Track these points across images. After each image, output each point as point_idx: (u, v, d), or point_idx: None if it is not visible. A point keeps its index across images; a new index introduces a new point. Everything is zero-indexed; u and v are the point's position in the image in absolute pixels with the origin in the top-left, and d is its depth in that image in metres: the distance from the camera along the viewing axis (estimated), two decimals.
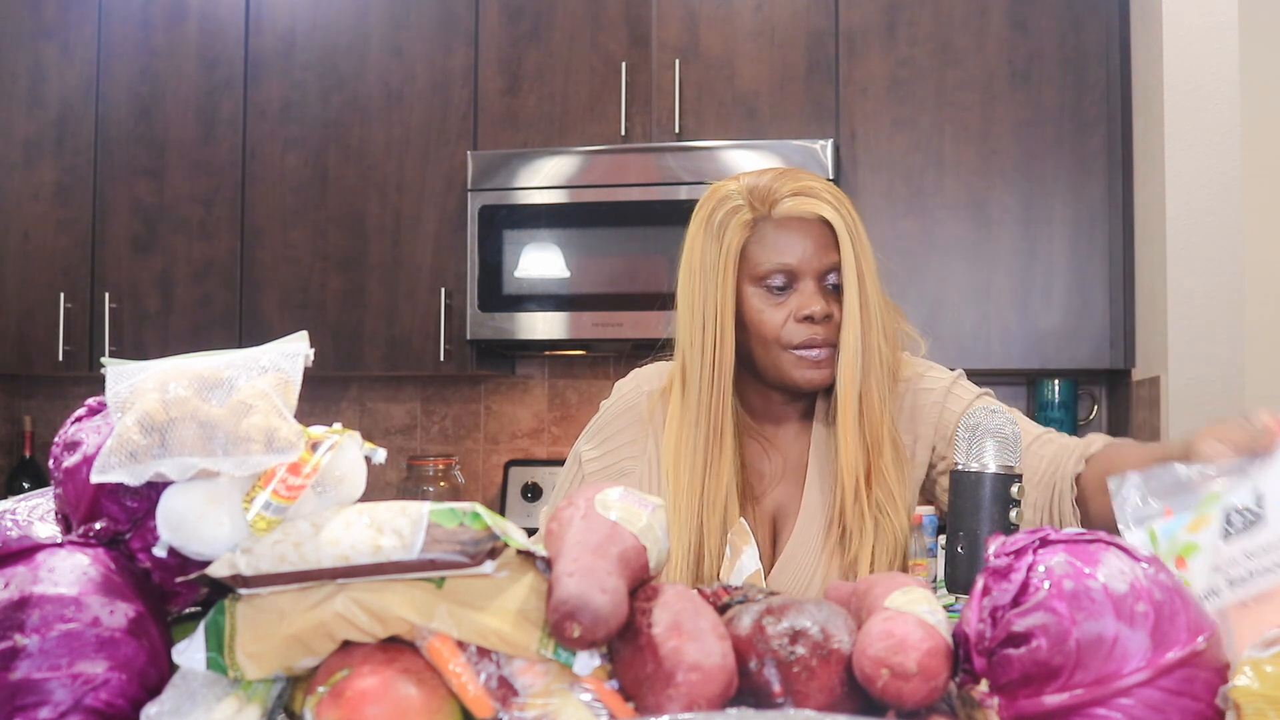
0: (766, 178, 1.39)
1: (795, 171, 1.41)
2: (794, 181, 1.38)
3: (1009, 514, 1.09)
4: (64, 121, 3.28)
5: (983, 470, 1.10)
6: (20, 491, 2.43)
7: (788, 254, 1.36)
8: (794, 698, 0.80)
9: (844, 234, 1.37)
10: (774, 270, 1.36)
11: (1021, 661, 0.76)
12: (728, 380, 1.38)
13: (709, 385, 1.38)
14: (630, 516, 0.87)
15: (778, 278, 1.37)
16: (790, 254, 1.36)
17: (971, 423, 1.12)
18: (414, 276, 3.08)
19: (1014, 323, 2.79)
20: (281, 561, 0.80)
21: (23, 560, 0.82)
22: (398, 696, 0.77)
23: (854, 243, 1.37)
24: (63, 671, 0.77)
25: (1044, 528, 0.84)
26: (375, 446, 0.88)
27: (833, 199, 1.38)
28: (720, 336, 1.37)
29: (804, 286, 1.37)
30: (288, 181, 3.15)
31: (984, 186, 2.81)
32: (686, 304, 1.41)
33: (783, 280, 1.37)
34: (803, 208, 1.36)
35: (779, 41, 2.92)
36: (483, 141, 3.05)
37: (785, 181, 1.38)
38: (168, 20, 3.24)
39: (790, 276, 1.37)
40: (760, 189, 1.38)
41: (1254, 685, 0.71)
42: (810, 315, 1.36)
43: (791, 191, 1.37)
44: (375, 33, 3.12)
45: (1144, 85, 2.61)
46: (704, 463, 1.37)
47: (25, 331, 3.27)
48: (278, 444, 0.82)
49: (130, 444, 0.81)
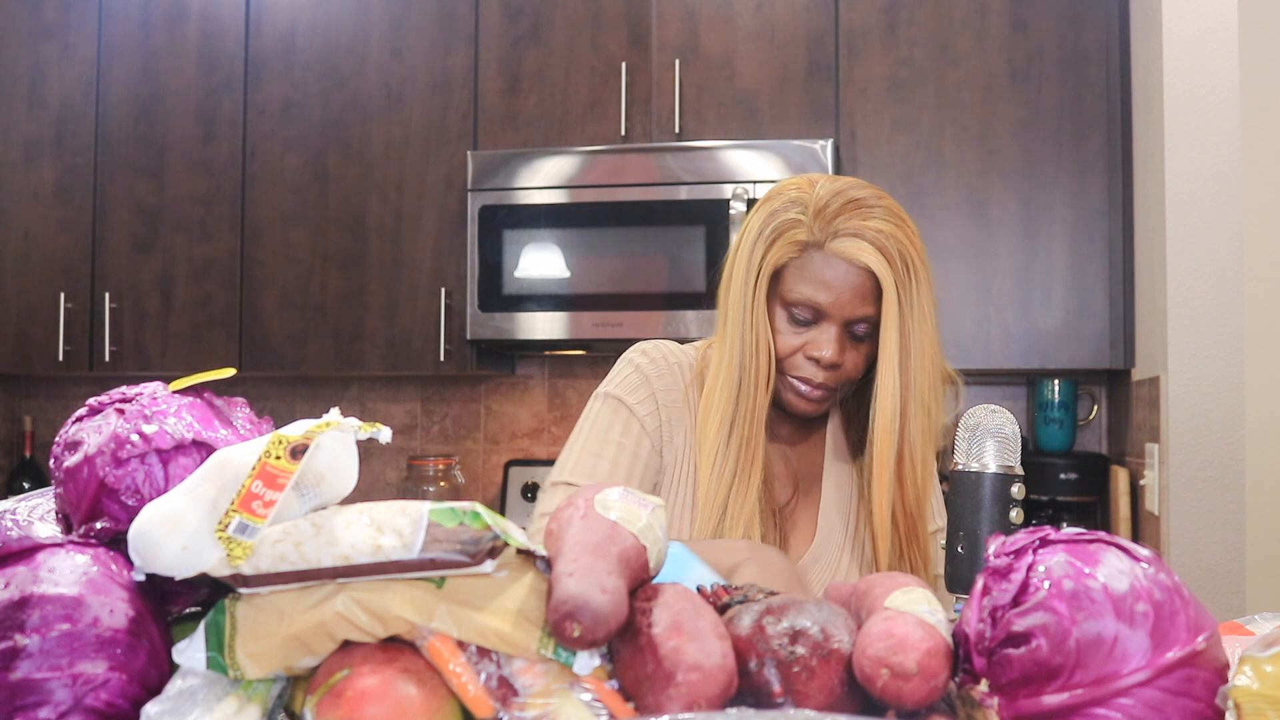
0: (839, 201, 1.32)
1: (868, 200, 1.33)
2: (859, 217, 1.31)
3: (1009, 514, 1.08)
4: (64, 121, 3.28)
5: (983, 470, 1.10)
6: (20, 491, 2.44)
7: (821, 293, 1.32)
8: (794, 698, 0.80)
9: (890, 290, 1.31)
10: (802, 303, 1.33)
11: (1021, 661, 0.76)
12: (765, 398, 1.35)
13: (750, 398, 1.35)
14: (630, 516, 0.87)
15: (804, 311, 1.33)
16: (824, 294, 1.32)
17: (971, 423, 1.12)
18: (414, 276, 3.08)
19: (1014, 323, 2.79)
20: (281, 561, 0.80)
21: (23, 560, 0.82)
22: (398, 696, 0.77)
23: (901, 298, 1.32)
24: (63, 671, 0.77)
25: (1044, 527, 0.84)
26: (379, 426, 0.86)
27: (889, 245, 1.31)
28: (758, 349, 1.34)
29: (826, 327, 1.33)
30: (288, 181, 3.15)
31: (984, 186, 2.81)
32: (725, 299, 1.38)
33: (809, 316, 1.33)
34: (851, 252, 1.30)
35: (779, 41, 2.92)
36: (483, 141, 3.05)
37: (851, 214, 1.31)
38: (168, 20, 3.23)
39: (817, 314, 1.33)
40: (827, 214, 1.31)
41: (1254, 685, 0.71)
42: (818, 359, 1.33)
43: (851, 231, 1.31)
44: (375, 33, 3.12)
45: (1144, 85, 2.61)
46: (733, 474, 1.35)
47: (25, 331, 3.27)
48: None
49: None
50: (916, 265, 1.33)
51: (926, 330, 1.34)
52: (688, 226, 2.82)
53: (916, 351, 1.34)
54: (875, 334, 1.35)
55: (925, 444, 1.36)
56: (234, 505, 0.80)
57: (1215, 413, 2.36)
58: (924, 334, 1.34)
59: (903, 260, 1.31)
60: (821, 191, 1.33)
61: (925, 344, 1.34)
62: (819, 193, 1.33)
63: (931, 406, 1.36)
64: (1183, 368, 2.38)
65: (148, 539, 0.79)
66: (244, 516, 0.80)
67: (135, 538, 0.79)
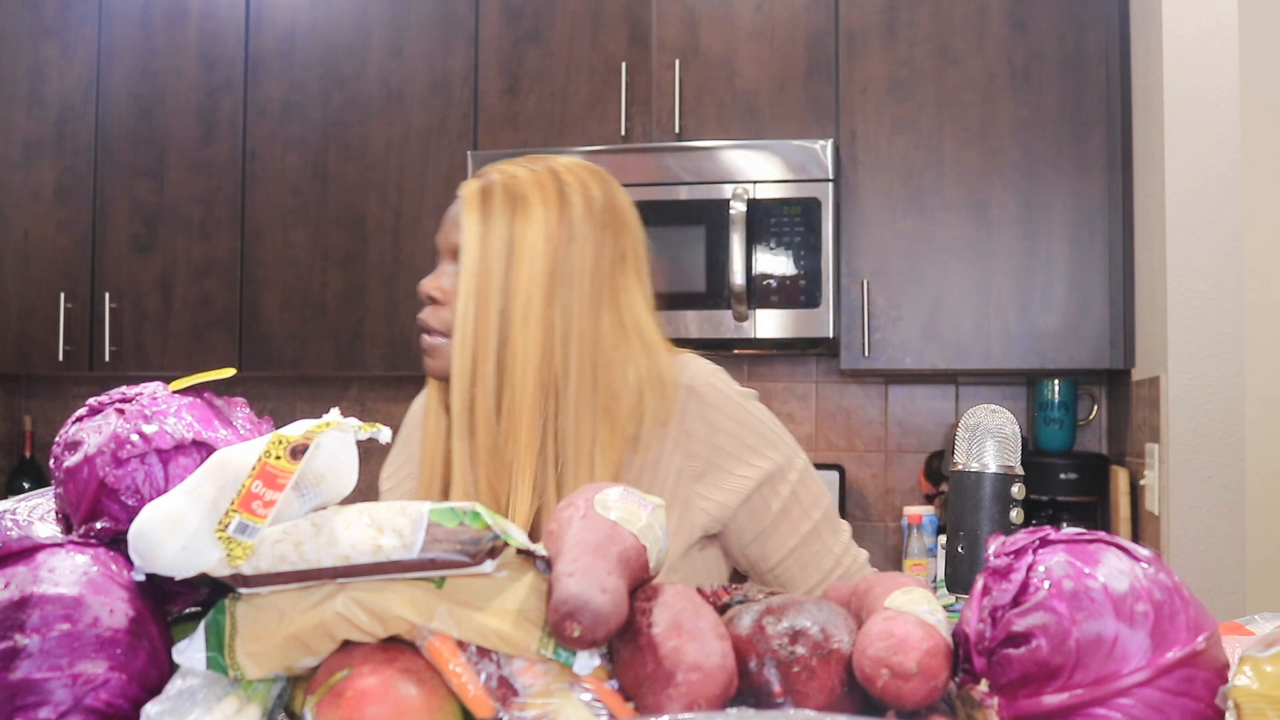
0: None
1: (533, 158, 1.34)
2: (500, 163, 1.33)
3: (1009, 514, 1.08)
4: (64, 121, 3.28)
5: (983, 470, 1.09)
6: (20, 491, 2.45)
7: (439, 232, 1.34)
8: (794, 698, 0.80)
9: (472, 207, 1.27)
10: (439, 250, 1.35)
11: (1021, 661, 0.76)
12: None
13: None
14: (630, 516, 0.87)
15: (438, 257, 1.35)
16: (439, 231, 1.34)
17: (971, 423, 1.12)
18: (414, 276, 3.08)
19: (1014, 323, 2.79)
20: (281, 561, 0.80)
21: (23, 560, 0.82)
22: (398, 696, 0.77)
23: (484, 217, 1.26)
24: (63, 671, 0.77)
25: (1044, 528, 0.84)
26: (379, 426, 0.86)
27: (496, 177, 1.29)
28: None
29: (440, 266, 1.34)
30: (288, 181, 3.15)
31: (984, 186, 2.81)
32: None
33: (437, 260, 1.34)
34: (462, 187, 1.32)
35: (779, 41, 2.92)
36: (483, 141, 3.05)
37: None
38: (168, 20, 3.23)
39: (438, 256, 1.34)
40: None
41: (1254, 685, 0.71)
42: (423, 292, 1.33)
43: (480, 171, 1.33)
44: (375, 33, 3.12)
45: (1144, 85, 2.61)
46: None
47: (25, 331, 3.27)
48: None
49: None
50: (525, 194, 1.27)
51: (520, 262, 1.25)
52: (688, 226, 2.82)
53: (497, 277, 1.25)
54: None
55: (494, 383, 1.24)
56: (234, 505, 0.80)
57: (1215, 413, 2.36)
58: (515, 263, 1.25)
59: (505, 189, 1.27)
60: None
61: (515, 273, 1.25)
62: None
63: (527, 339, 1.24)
64: (1183, 368, 2.38)
65: (148, 539, 0.79)
66: (244, 516, 0.80)
67: (135, 538, 0.79)
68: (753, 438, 1.31)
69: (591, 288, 1.27)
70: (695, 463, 1.30)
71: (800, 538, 1.33)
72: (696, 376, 1.32)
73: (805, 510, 1.33)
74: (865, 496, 3.22)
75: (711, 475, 1.30)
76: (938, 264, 2.82)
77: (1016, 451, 1.11)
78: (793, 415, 3.25)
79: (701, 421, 1.30)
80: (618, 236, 1.32)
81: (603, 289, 1.28)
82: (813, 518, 1.33)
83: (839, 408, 3.24)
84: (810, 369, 3.26)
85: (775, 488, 1.31)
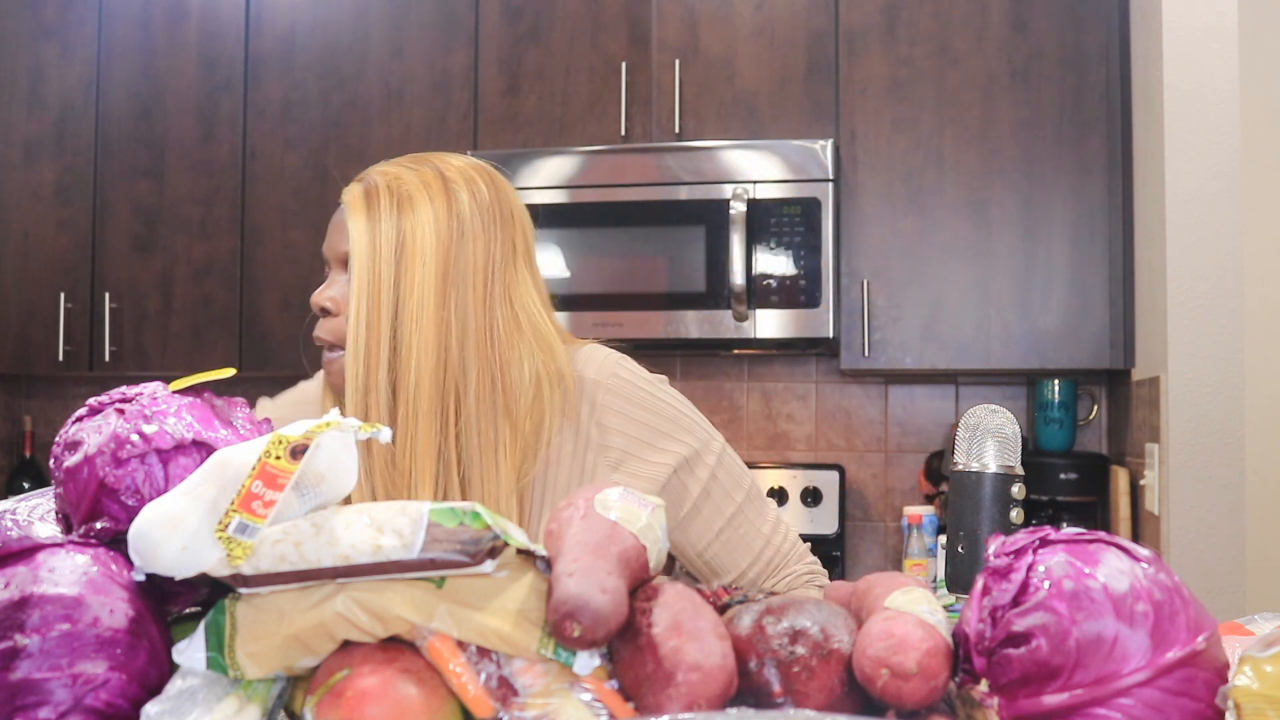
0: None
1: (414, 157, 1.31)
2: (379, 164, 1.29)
3: (1009, 514, 1.08)
4: (64, 121, 3.28)
5: (983, 470, 1.09)
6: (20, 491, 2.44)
7: (325, 240, 1.31)
8: (794, 698, 0.80)
9: (357, 211, 1.23)
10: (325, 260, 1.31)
11: (1021, 661, 0.76)
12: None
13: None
14: (630, 516, 0.87)
15: (326, 267, 1.31)
16: (325, 239, 1.31)
17: (971, 423, 1.12)
18: None
19: (1014, 323, 2.79)
20: (281, 561, 0.80)
21: (23, 560, 0.82)
22: (398, 696, 0.77)
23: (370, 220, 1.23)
24: (63, 671, 0.77)
25: (1044, 528, 0.84)
26: (378, 426, 0.86)
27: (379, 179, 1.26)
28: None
29: (330, 276, 1.30)
30: (288, 181, 3.15)
31: (984, 186, 2.81)
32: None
33: (327, 271, 1.31)
34: (344, 192, 1.27)
35: (779, 41, 2.92)
36: (483, 141, 3.05)
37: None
38: (168, 20, 3.23)
39: (327, 265, 1.31)
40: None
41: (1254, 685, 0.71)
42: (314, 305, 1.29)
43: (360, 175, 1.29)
44: (375, 33, 3.12)
45: (1144, 85, 2.61)
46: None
47: (25, 331, 3.27)
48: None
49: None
50: (410, 194, 1.24)
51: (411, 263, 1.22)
52: (688, 226, 2.82)
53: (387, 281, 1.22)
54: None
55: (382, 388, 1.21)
56: (234, 505, 0.80)
57: (1215, 413, 2.36)
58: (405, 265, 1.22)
59: (389, 190, 1.25)
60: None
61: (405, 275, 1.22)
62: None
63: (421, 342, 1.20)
64: (1183, 368, 2.38)
65: (148, 539, 0.79)
66: (244, 516, 0.80)
67: (135, 538, 0.79)
68: (665, 424, 1.30)
69: (485, 285, 1.24)
70: (610, 453, 1.29)
71: (725, 519, 1.32)
72: (602, 367, 1.30)
73: (727, 492, 1.33)
74: (865, 496, 3.22)
75: (628, 464, 1.29)
76: (938, 264, 2.82)
77: (1016, 451, 1.11)
78: (793, 415, 3.25)
79: (612, 412, 1.29)
80: (507, 231, 1.28)
81: (495, 285, 1.25)
82: (735, 499, 1.33)
83: (839, 408, 3.24)
84: (810, 369, 3.26)
85: (693, 471, 1.31)
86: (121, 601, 0.81)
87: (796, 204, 2.77)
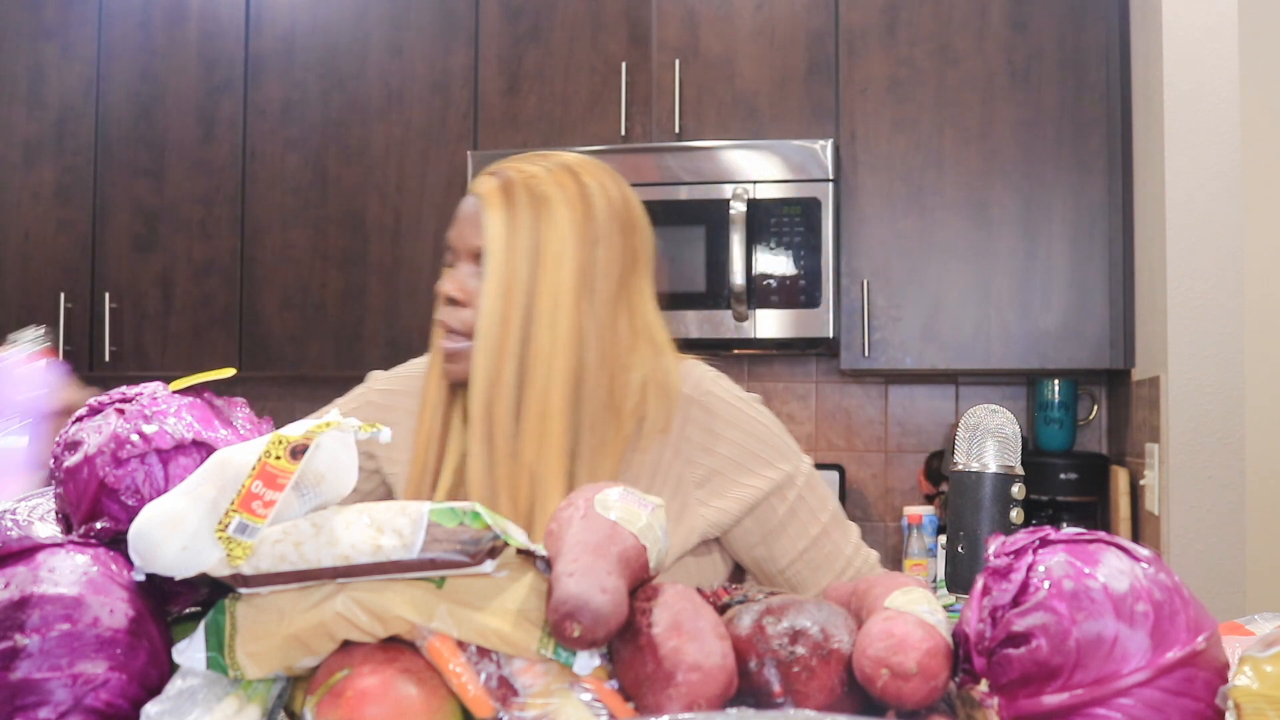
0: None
1: (534, 154, 1.33)
2: (511, 160, 1.30)
3: (1009, 514, 1.08)
4: (64, 121, 3.28)
5: (983, 470, 1.09)
6: None
7: (452, 229, 1.31)
8: (794, 698, 0.80)
9: (494, 207, 1.25)
10: (447, 246, 1.32)
11: (1021, 661, 0.76)
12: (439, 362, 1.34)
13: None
14: (630, 516, 0.87)
15: (447, 254, 1.32)
16: (453, 229, 1.31)
17: (971, 423, 1.12)
18: (414, 276, 3.08)
19: (1014, 323, 2.79)
20: (281, 561, 0.80)
21: (23, 560, 0.82)
22: (398, 696, 0.77)
23: (509, 217, 1.25)
24: (63, 671, 0.77)
25: (1044, 528, 0.84)
26: (379, 426, 0.86)
27: (514, 176, 1.27)
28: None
29: (456, 262, 1.31)
30: (288, 181, 3.15)
31: (984, 186, 2.81)
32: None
33: (449, 258, 1.32)
34: (474, 184, 1.29)
35: (779, 41, 2.92)
36: (483, 142, 3.05)
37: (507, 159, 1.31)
38: (168, 20, 3.24)
39: (453, 255, 1.31)
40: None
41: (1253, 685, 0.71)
42: (441, 294, 1.30)
43: (490, 170, 1.30)
44: (375, 33, 3.12)
45: (1144, 85, 2.61)
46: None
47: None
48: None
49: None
50: (548, 194, 1.26)
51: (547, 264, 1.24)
52: (688, 226, 2.82)
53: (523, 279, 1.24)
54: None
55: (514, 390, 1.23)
56: (234, 505, 0.80)
57: (1215, 413, 2.36)
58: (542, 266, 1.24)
59: (527, 189, 1.26)
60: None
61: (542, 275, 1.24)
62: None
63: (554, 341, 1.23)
64: (1183, 368, 2.38)
65: (148, 539, 0.79)
66: (244, 516, 0.80)
67: (135, 538, 0.79)
68: (759, 446, 1.31)
69: (614, 290, 1.27)
70: (696, 469, 1.29)
71: (809, 540, 1.32)
72: (699, 384, 1.32)
73: (813, 513, 1.33)
74: (865, 496, 3.21)
75: (714, 482, 1.29)
76: (938, 264, 2.82)
77: (1016, 451, 1.11)
78: (793, 415, 3.25)
79: (703, 430, 1.29)
80: (633, 238, 1.31)
81: (621, 291, 1.28)
82: (821, 520, 1.33)
83: (839, 408, 3.24)
84: (810, 369, 3.26)
85: (783, 495, 1.31)
86: (121, 601, 0.81)
87: (796, 204, 2.77)
